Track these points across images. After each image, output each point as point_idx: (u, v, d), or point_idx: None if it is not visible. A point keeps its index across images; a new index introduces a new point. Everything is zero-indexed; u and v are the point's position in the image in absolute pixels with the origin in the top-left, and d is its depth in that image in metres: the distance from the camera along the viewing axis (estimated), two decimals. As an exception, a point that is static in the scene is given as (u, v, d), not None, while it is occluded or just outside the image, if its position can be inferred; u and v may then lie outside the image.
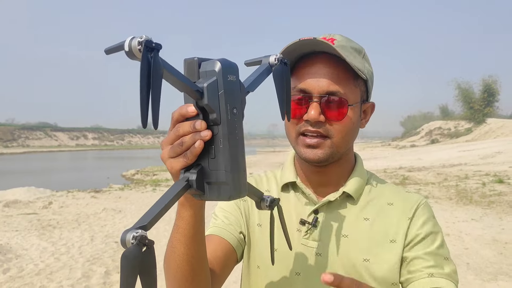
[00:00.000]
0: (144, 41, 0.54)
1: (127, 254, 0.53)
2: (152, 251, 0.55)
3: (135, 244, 0.53)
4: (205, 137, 0.64)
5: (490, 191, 11.16)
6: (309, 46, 0.98)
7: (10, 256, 6.12)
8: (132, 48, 0.54)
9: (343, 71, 0.99)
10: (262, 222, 1.10)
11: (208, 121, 0.64)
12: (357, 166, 1.12)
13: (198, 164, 0.66)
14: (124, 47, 0.55)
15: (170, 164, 0.69)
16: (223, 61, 0.64)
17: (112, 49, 0.58)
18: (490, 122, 47.62)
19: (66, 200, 11.68)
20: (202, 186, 0.65)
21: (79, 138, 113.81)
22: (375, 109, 1.13)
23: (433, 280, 0.96)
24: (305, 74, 1.00)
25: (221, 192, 0.65)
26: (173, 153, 0.68)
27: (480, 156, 21.88)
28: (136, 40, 0.54)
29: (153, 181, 18.01)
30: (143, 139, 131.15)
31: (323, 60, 0.99)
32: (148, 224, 0.57)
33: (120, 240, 0.54)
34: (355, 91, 1.01)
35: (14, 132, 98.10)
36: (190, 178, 0.65)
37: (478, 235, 7.07)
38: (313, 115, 0.96)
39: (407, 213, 1.04)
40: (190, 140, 0.65)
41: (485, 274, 5.28)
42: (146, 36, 0.54)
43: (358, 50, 1.02)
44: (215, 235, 1.06)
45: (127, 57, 0.56)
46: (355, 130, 1.04)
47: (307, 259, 1.03)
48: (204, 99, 0.62)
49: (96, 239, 7.19)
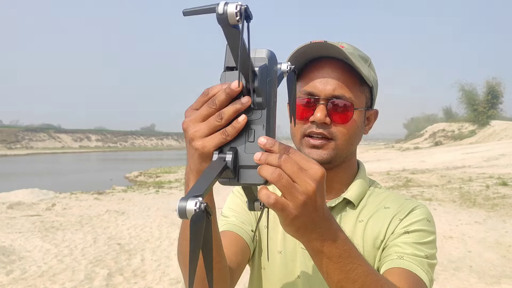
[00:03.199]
0: (244, 8, 0.53)
1: (196, 219, 0.51)
2: (211, 221, 0.53)
3: (201, 211, 0.51)
4: (247, 104, 0.61)
5: (494, 194, 11.12)
6: (318, 49, 1.01)
7: (13, 258, 6.15)
8: (229, 13, 0.53)
9: (350, 76, 1.02)
10: (269, 224, 1.12)
11: (253, 104, 0.63)
12: (359, 172, 1.14)
13: (231, 147, 0.63)
14: (217, 10, 0.53)
15: (202, 143, 0.63)
16: (271, 51, 0.66)
17: (195, 11, 0.56)
18: (494, 124, 47.48)
19: (69, 202, 11.72)
20: (235, 169, 0.63)
21: (83, 140, 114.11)
22: (378, 116, 1.15)
23: (401, 261, 0.94)
24: (313, 77, 1.03)
25: (256, 176, 0.63)
26: (208, 128, 0.63)
27: (484, 159, 21.81)
28: (234, 5, 0.53)
29: (156, 183, 18.05)
30: (146, 141, 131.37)
31: (331, 65, 1.02)
32: (203, 193, 0.54)
33: (179, 207, 0.52)
34: (360, 96, 1.05)
35: (18, 133, 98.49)
36: (227, 159, 0.62)
37: (482, 238, 7.05)
38: (319, 117, 0.99)
39: (400, 215, 1.04)
40: (232, 113, 0.62)
41: (488, 277, 5.26)
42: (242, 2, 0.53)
43: (364, 58, 1.05)
44: (229, 230, 1.08)
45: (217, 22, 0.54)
46: (359, 134, 1.07)
47: (307, 263, 1.05)
48: (256, 81, 0.62)
49: (99, 241, 7.21)
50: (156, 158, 49.56)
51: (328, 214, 0.67)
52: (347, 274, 0.69)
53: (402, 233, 1.00)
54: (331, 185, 1.10)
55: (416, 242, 0.98)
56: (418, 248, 0.97)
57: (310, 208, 0.62)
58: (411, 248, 0.97)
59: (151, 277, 5.46)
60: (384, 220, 1.05)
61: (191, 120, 0.64)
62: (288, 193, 0.61)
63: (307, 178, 0.61)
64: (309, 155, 1.02)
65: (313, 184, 0.61)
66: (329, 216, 0.68)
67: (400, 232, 1.01)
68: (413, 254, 0.95)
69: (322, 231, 0.66)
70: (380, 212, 1.07)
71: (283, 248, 1.08)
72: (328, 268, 0.69)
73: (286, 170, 0.60)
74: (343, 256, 0.69)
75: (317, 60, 1.04)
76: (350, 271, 0.70)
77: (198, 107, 0.65)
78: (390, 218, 1.05)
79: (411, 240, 0.98)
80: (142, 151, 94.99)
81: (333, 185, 1.10)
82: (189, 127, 0.64)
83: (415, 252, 0.96)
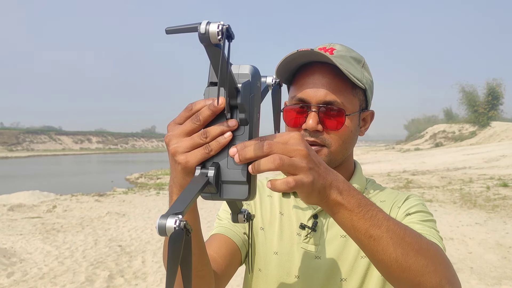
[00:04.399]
0: (226, 28, 0.54)
1: (175, 237, 0.52)
2: (190, 238, 0.54)
3: (180, 229, 0.52)
4: (233, 128, 0.63)
5: (495, 195, 11.12)
6: (307, 56, 1.01)
7: (14, 260, 6.15)
8: (210, 33, 0.54)
9: (341, 80, 1.01)
10: (264, 225, 1.13)
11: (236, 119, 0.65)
12: (356, 172, 1.15)
13: (214, 162, 0.64)
14: (199, 30, 0.54)
15: (185, 158, 0.64)
16: (254, 67, 0.67)
17: (177, 30, 0.57)
18: (495, 126, 47.44)
19: (70, 203, 11.72)
20: (217, 184, 0.64)
21: (83, 142, 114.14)
22: (374, 116, 1.15)
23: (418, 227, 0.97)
24: (304, 83, 1.03)
25: (239, 191, 0.64)
26: (192, 144, 0.64)
27: (485, 160, 21.80)
28: (216, 25, 0.54)
29: (157, 185, 18.06)
30: (147, 143, 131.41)
31: (322, 70, 1.02)
32: (184, 210, 0.55)
33: (158, 224, 0.53)
34: (353, 100, 1.04)
35: (18, 136, 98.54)
36: (209, 174, 0.63)
37: (482, 239, 7.05)
38: (311, 124, 0.99)
39: (397, 203, 1.07)
40: (218, 133, 0.63)
41: (489, 278, 5.25)
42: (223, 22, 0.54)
43: (357, 59, 1.05)
44: (220, 234, 1.08)
45: (199, 41, 0.55)
46: (353, 138, 1.07)
47: (306, 263, 1.05)
48: (239, 97, 0.63)
49: (99, 243, 7.22)
50: (156, 160, 49.54)
51: (330, 168, 0.70)
52: (371, 221, 0.70)
53: (404, 216, 1.03)
54: None
55: (420, 220, 1.01)
56: (424, 224, 0.99)
57: (315, 168, 0.65)
58: (417, 225, 0.98)
59: (152, 279, 5.46)
60: None
61: (174, 134, 0.65)
62: (294, 168, 0.63)
63: (294, 147, 0.64)
64: None
65: (301, 147, 0.64)
66: (332, 169, 0.70)
67: (402, 216, 1.03)
68: (421, 229, 0.96)
69: (336, 184, 0.68)
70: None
71: (279, 249, 1.08)
72: (353, 220, 0.70)
73: (278, 151, 0.63)
74: (361, 204, 0.70)
75: (308, 65, 1.04)
76: (373, 217, 0.71)
77: (182, 122, 0.66)
78: (388, 208, 1.07)
79: (415, 220, 1.00)
80: (142, 152, 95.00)
81: None
82: (171, 141, 0.66)
83: (422, 228, 0.97)
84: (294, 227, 1.09)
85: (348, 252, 1.04)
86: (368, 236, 0.70)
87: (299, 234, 1.08)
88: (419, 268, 0.72)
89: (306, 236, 1.07)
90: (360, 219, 0.70)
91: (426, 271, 0.73)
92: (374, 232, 0.70)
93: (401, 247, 0.71)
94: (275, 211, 1.14)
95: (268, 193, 1.18)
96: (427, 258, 0.74)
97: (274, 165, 0.61)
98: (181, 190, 0.68)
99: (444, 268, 0.76)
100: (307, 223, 1.07)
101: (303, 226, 1.07)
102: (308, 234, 1.07)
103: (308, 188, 0.64)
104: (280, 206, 1.14)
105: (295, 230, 1.09)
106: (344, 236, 1.05)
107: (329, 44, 1.04)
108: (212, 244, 1.04)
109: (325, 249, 1.05)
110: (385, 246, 0.71)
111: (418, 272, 0.72)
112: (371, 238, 0.70)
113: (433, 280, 0.73)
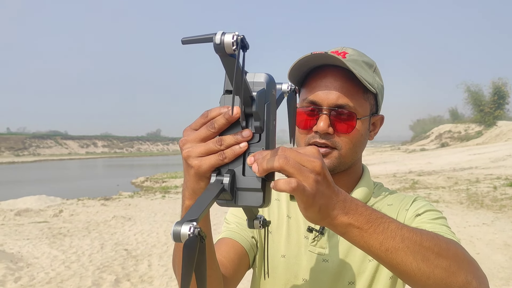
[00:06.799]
0: (241, 38, 0.55)
1: (189, 244, 0.52)
2: (205, 245, 0.55)
3: (195, 236, 0.53)
4: (247, 138, 0.64)
5: (502, 195, 11.05)
6: (320, 59, 1.01)
7: (21, 265, 6.18)
8: (225, 43, 0.54)
9: (353, 84, 1.01)
10: (272, 229, 1.13)
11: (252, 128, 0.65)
12: (364, 176, 1.15)
13: (229, 169, 0.65)
14: (215, 40, 0.55)
15: (199, 163, 0.65)
16: (269, 75, 0.68)
17: (193, 40, 0.58)
18: (501, 125, 47.13)
19: (76, 208, 11.78)
20: (232, 191, 0.65)
21: (89, 146, 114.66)
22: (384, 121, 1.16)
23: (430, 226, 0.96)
24: (316, 86, 1.03)
25: (254, 198, 0.65)
26: (206, 150, 0.65)
27: (491, 159, 21.67)
28: (231, 35, 0.54)
29: (163, 188, 18.10)
30: (152, 146, 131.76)
31: (334, 73, 1.02)
32: (199, 217, 0.56)
33: (173, 231, 0.53)
34: (364, 104, 1.04)
35: (25, 140, 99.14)
36: (224, 181, 0.64)
37: (490, 239, 7.00)
38: (322, 127, 1.00)
39: (404, 206, 1.07)
40: (233, 143, 0.64)
41: (497, 279, 5.22)
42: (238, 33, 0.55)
43: (369, 64, 1.05)
44: (229, 238, 1.08)
45: (214, 51, 0.56)
46: (363, 142, 1.07)
47: (314, 266, 1.05)
48: (254, 105, 0.63)
49: (106, 247, 7.24)
50: (162, 163, 49.67)
51: (339, 189, 0.68)
52: (384, 234, 0.68)
53: (414, 218, 1.02)
54: None
55: (430, 219, 1.00)
56: (435, 223, 0.98)
57: (323, 185, 0.64)
58: (428, 224, 0.97)
59: (158, 282, 5.47)
60: (391, 215, 1.05)
61: (189, 139, 0.67)
62: (300, 174, 0.62)
63: (310, 158, 0.63)
64: None
65: (317, 161, 0.63)
66: (341, 190, 0.68)
67: (411, 218, 1.03)
68: (432, 227, 0.95)
69: (342, 205, 0.66)
70: (383, 210, 1.08)
71: (287, 252, 1.08)
72: (364, 238, 0.68)
73: (290, 156, 0.62)
74: (371, 219, 0.68)
75: (320, 68, 1.04)
76: (385, 229, 0.68)
77: (197, 128, 0.67)
78: (395, 212, 1.07)
79: (425, 219, 1.00)
80: (148, 156, 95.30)
81: None
82: (185, 145, 0.67)
83: (433, 226, 0.96)
84: (302, 230, 1.09)
85: (355, 256, 1.04)
86: (384, 250, 0.68)
87: (307, 237, 1.08)
88: (443, 270, 0.71)
89: (313, 239, 1.07)
90: (371, 235, 0.68)
91: (451, 272, 0.71)
92: (389, 244, 0.68)
93: (420, 254, 0.69)
94: (283, 215, 1.14)
95: (276, 196, 1.19)
96: (448, 258, 0.72)
97: (278, 163, 0.60)
98: (193, 194, 0.69)
99: (468, 264, 0.75)
100: (314, 226, 1.08)
101: (310, 229, 1.07)
102: (316, 237, 1.07)
103: (308, 199, 0.63)
104: (287, 209, 1.14)
105: (303, 233, 1.09)
106: None
107: (341, 48, 1.05)
108: (220, 248, 1.04)
109: (332, 252, 1.05)
110: (404, 257, 0.69)
111: (443, 275, 0.70)
112: (387, 251, 0.68)
113: (460, 279, 0.72)
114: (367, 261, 1.03)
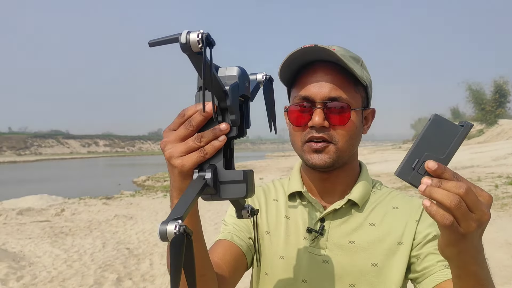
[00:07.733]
0: (206, 36, 0.56)
1: (175, 242, 0.54)
2: (191, 241, 0.56)
3: (181, 233, 0.54)
4: (226, 131, 0.65)
5: (503, 193, 11.02)
6: (310, 54, 1.01)
7: (24, 264, 6.19)
8: (191, 41, 0.56)
9: (344, 78, 1.02)
10: (270, 230, 1.12)
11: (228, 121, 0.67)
12: (362, 173, 1.14)
13: (210, 164, 0.66)
14: (180, 40, 0.56)
15: (181, 162, 0.66)
16: (241, 68, 0.69)
17: (159, 42, 0.59)
18: (502, 123, 47.03)
19: (78, 207, 11.79)
20: (216, 185, 0.66)
21: (91, 145, 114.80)
22: (378, 115, 1.16)
23: None
24: (307, 82, 1.03)
25: (237, 190, 0.66)
26: (187, 148, 0.66)
27: (493, 158, 21.62)
28: (196, 34, 0.56)
29: (164, 187, 18.09)
30: (154, 145, 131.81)
31: (324, 68, 1.02)
32: (183, 215, 0.58)
33: (160, 230, 0.55)
34: (356, 96, 1.04)
35: (27, 140, 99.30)
36: (206, 176, 0.65)
37: (491, 238, 6.98)
38: (318, 121, 0.99)
39: (414, 216, 1.06)
40: (212, 138, 0.65)
41: (498, 278, 5.20)
42: (203, 31, 0.56)
43: (356, 59, 1.06)
44: (225, 239, 1.09)
45: (181, 51, 0.57)
46: (358, 134, 1.07)
47: (314, 267, 1.05)
48: (228, 100, 0.65)
49: (107, 246, 7.24)
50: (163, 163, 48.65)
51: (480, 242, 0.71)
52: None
53: (425, 243, 1.02)
54: (335, 187, 1.11)
55: None
56: None
57: (477, 235, 0.66)
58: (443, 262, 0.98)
59: (160, 281, 5.47)
60: (398, 221, 1.06)
61: (169, 140, 0.68)
62: (464, 220, 0.63)
63: (484, 208, 0.64)
64: (312, 160, 1.02)
65: (487, 212, 0.65)
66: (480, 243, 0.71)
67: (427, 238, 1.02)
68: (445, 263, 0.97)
69: (478, 257, 0.70)
70: (390, 213, 1.08)
71: (285, 253, 1.08)
72: None
73: (467, 200, 0.63)
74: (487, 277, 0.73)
75: (309, 64, 1.04)
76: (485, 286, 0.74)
77: (176, 128, 0.68)
78: (404, 219, 1.06)
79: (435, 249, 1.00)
80: (149, 155, 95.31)
81: (336, 187, 1.11)
82: (166, 146, 0.68)
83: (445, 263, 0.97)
84: (301, 231, 1.09)
85: (357, 259, 1.03)
86: None
87: (306, 238, 1.07)
88: None
89: (313, 240, 1.06)
90: None
91: None
92: None
93: None
94: (281, 215, 1.13)
95: (274, 197, 1.18)
96: None
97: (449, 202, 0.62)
98: (180, 194, 0.69)
99: None
100: (314, 227, 1.07)
101: (310, 230, 1.07)
102: (315, 238, 1.06)
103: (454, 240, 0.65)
104: (286, 210, 1.14)
105: (302, 234, 1.08)
106: (353, 242, 1.04)
107: (328, 46, 1.05)
108: (216, 250, 1.04)
109: (332, 254, 1.04)
110: None
111: None
112: None
113: None
114: (370, 265, 1.02)
